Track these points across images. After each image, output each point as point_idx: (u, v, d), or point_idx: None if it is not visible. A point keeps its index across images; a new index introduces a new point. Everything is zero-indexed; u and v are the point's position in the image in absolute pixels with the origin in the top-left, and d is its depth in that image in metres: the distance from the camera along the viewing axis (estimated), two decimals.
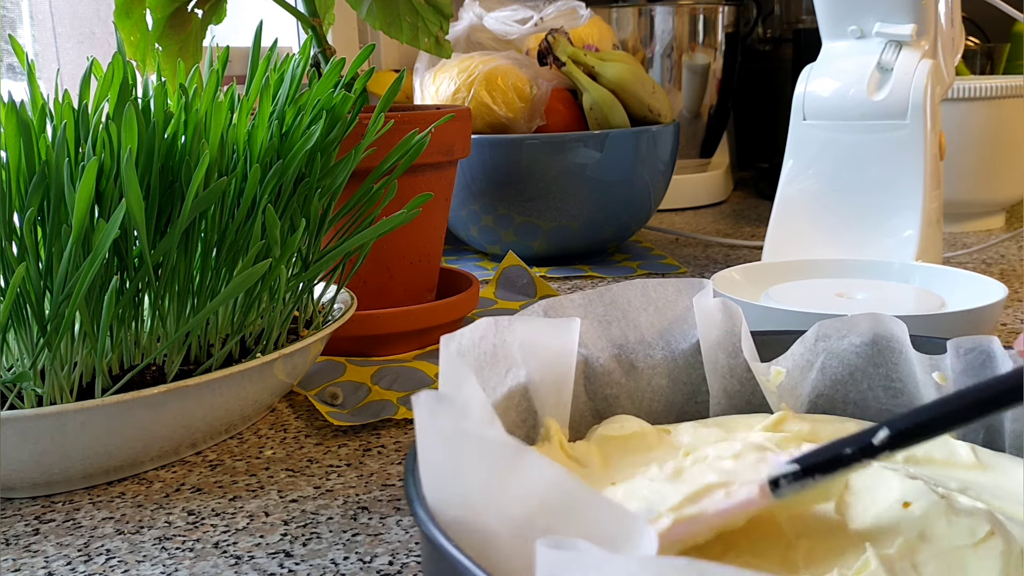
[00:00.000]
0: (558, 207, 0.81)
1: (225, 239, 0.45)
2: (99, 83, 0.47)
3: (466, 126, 0.65)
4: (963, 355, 0.34)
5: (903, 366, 0.36)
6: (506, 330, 0.32)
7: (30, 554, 0.37)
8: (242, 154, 0.46)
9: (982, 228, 0.97)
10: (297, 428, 0.49)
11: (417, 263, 0.63)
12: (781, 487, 0.26)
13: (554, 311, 0.35)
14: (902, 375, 0.36)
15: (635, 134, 0.81)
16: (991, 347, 0.34)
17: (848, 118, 0.68)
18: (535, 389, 0.33)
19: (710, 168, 1.24)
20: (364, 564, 0.35)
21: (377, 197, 0.52)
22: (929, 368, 0.35)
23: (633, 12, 1.18)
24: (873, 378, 0.37)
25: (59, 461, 0.40)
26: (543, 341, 0.33)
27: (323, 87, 0.50)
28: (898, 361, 0.36)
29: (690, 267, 0.84)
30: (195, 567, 0.35)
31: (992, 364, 0.34)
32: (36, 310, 0.40)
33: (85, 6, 0.81)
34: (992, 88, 0.90)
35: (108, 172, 0.41)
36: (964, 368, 0.34)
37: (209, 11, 0.60)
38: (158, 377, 0.45)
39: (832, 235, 0.69)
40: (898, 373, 0.36)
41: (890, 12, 0.67)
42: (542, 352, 0.33)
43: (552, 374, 0.33)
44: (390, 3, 0.60)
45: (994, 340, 0.34)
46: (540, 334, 0.33)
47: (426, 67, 0.86)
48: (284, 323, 0.49)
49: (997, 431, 0.34)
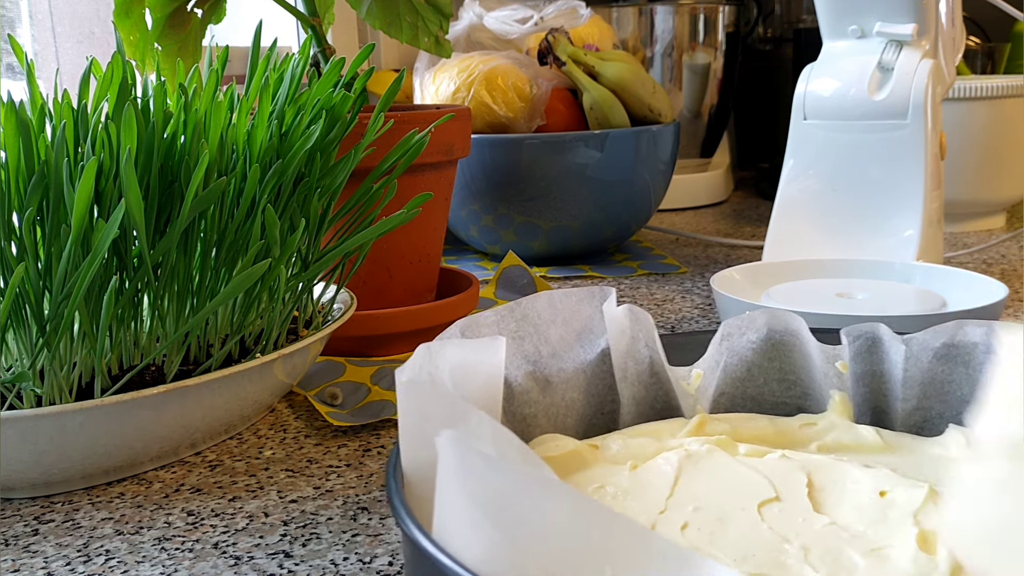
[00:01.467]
0: (558, 207, 0.81)
1: (225, 239, 0.45)
2: (98, 83, 0.47)
3: (466, 126, 0.65)
4: (852, 342, 0.36)
5: (797, 359, 0.37)
6: (438, 355, 0.30)
7: (29, 554, 0.37)
8: (241, 154, 0.46)
9: (983, 228, 0.97)
10: (297, 428, 0.49)
11: (417, 263, 0.63)
12: None
13: (471, 331, 0.34)
14: (796, 367, 0.37)
15: (635, 134, 0.81)
16: (877, 332, 0.36)
17: (848, 118, 0.68)
18: None
19: (710, 168, 1.24)
20: (364, 564, 0.35)
21: (377, 197, 0.52)
22: (833, 358, 0.36)
23: (633, 12, 1.17)
24: (768, 372, 0.37)
25: (58, 461, 0.40)
26: (471, 364, 0.31)
27: (323, 87, 0.50)
28: (791, 354, 0.37)
29: (690, 267, 0.84)
30: (194, 567, 0.35)
31: (878, 349, 0.36)
32: (35, 310, 0.40)
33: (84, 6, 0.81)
34: (993, 88, 0.90)
35: (107, 172, 0.41)
36: (854, 355, 0.36)
37: (209, 11, 0.60)
38: (157, 377, 0.45)
39: (832, 235, 0.69)
40: (791, 366, 0.37)
41: (891, 12, 0.67)
42: (472, 377, 0.32)
43: (483, 397, 0.32)
44: (390, 3, 0.60)
45: (880, 327, 0.36)
46: (468, 358, 0.31)
47: (426, 67, 0.86)
48: (284, 323, 0.49)
49: (885, 412, 0.36)
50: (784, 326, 0.37)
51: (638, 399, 0.37)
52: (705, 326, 0.65)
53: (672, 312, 0.69)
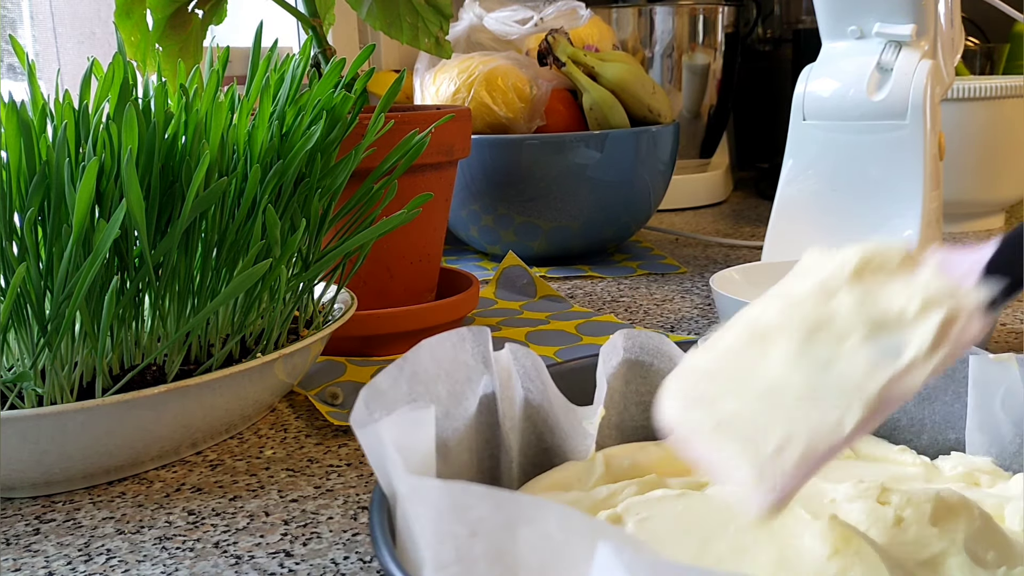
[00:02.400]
0: (558, 207, 0.81)
1: (225, 239, 0.45)
2: (99, 83, 0.47)
3: (466, 126, 0.65)
4: None
5: (653, 379, 0.35)
6: (384, 432, 0.27)
7: (30, 554, 0.37)
8: (242, 154, 0.46)
9: (982, 228, 0.97)
10: (297, 428, 0.49)
11: (417, 263, 0.63)
12: (996, 307, 0.24)
13: (372, 400, 0.30)
14: (652, 388, 0.35)
15: (635, 134, 0.81)
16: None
17: (848, 118, 0.68)
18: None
19: (710, 168, 1.24)
20: (364, 564, 0.35)
21: (377, 197, 0.52)
22: None
23: (633, 12, 1.18)
24: (627, 396, 0.36)
25: (59, 461, 0.40)
26: (410, 444, 0.28)
27: (323, 87, 0.50)
28: (647, 375, 0.36)
29: (690, 267, 0.84)
30: (195, 567, 0.35)
31: None
32: (36, 310, 0.40)
33: (85, 6, 0.81)
34: (992, 88, 0.90)
35: (108, 172, 0.41)
36: None
37: (209, 11, 0.60)
38: (158, 377, 0.45)
39: (832, 235, 0.69)
40: (648, 387, 0.35)
41: (890, 12, 0.67)
42: (412, 457, 0.28)
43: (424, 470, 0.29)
44: (390, 3, 0.60)
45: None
46: (405, 437, 0.27)
47: (426, 67, 0.86)
48: (284, 323, 0.49)
49: None
50: (640, 345, 0.35)
51: (523, 445, 0.34)
52: (705, 326, 0.65)
53: (672, 312, 0.69)
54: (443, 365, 0.33)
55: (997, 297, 0.24)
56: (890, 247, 0.27)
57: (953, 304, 0.24)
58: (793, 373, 0.25)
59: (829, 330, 0.25)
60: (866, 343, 0.24)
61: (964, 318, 0.24)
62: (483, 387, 0.33)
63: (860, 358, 0.24)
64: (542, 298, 0.73)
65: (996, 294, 0.24)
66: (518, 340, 0.62)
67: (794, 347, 0.25)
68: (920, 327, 0.24)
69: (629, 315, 0.69)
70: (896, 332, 0.24)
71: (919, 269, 0.26)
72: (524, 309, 0.70)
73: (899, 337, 0.24)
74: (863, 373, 0.24)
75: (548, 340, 0.62)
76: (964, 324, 0.24)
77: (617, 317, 0.68)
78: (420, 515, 0.23)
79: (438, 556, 0.22)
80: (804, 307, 0.26)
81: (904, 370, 0.23)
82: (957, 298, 0.24)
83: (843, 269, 0.26)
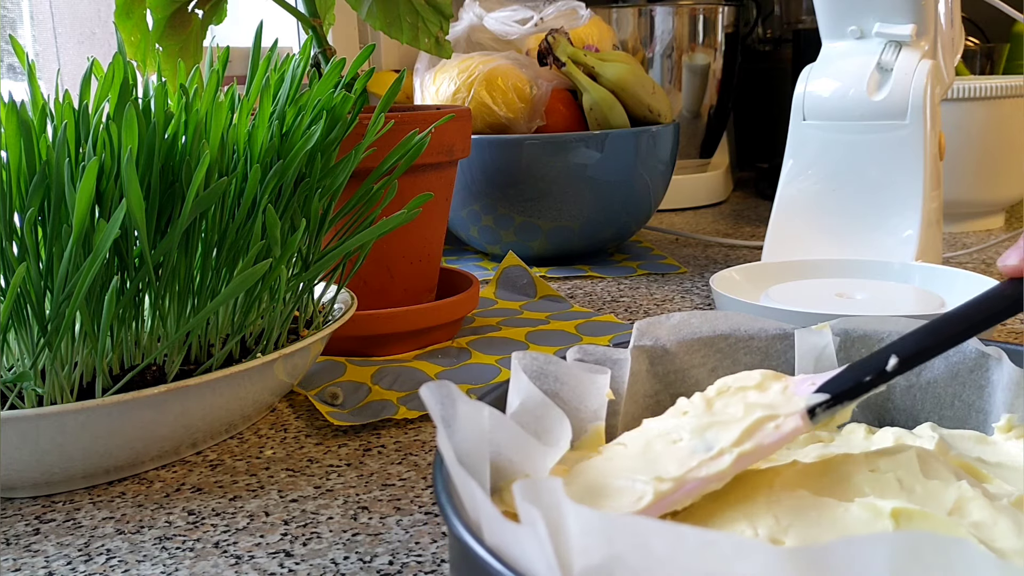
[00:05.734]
0: (558, 207, 0.81)
1: (225, 239, 0.45)
2: (99, 83, 0.47)
3: (466, 126, 0.65)
4: None
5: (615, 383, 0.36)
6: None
7: (30, 554, 0.37)
8: (242, 154, 0.46)
9: (982, 228, 0.97)
10: (297, 428, 0.49)
11: (417, 263, 0.63)
12: (817, 415, 0.29)
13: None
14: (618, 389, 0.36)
15: (635, 134, 0.81)
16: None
17: (848, 118, 0.68)
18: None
19: (710, 168, 1.24)
20: (364, 564, 0.35)
21: (377, 197, 0.52)
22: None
23: (633, 12, 1.18)
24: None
25: (59, 461, 0.40)
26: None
27: (323, 87, 0.50)
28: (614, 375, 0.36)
29: (690, 267, 0.84)
30: (195, 567, 0.35)
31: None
32: (36, 310, 0.40)
33: (85, 6, 0.81)
34: (992, 88, 0.90)
35: (108, 172, 0.41)
36: None
37: (209, 11, 0.60)
38: (158, 377, 0.45)
39: (832, 235, 0.69)
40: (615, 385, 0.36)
41: (890, 12, 0.67)
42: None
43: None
44: (390, 3, 0.60)
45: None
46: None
47: (426, 67, 0.86)
48: (284, 323, 0.49)
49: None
50: (602, 356, 0.36)
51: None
52: None
53: (672, 312, 0.69)
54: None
55: (818, 406, 0.29)
56: (749, 376, 0.32)
57: (770, 410, 0.29)
58: (632, 463, 0.30)
59: (668, 436, 0.30)
60: (691, 441, 0.29)
61: (780, 419, 0.29)
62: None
63: (682, 451, 0.29)
64: (542, 298, 0.73)
65: (816, 404, 0.29)
66: (518, 340, 0.62)
67: (639, 448, 0.30)
68: (736, 426, 0.29)
69: (629, 315, 0.69)
70: (720, 432, 0.29)
71: (769, 390, 0.31)
72: (524, 309, 0.70)
73: (719, 435, 0.29)
74: (678, 461, 0.28)
75: (548, 340, 0.62)
76: (780, 423, 0.29)
77: (617, 317, 0.68)
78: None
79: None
80: (660, 422, 0.31)
81: (711, 457, 0.28)
82: (776, 407, 0.29)
83: (698, 397, 0.31)
